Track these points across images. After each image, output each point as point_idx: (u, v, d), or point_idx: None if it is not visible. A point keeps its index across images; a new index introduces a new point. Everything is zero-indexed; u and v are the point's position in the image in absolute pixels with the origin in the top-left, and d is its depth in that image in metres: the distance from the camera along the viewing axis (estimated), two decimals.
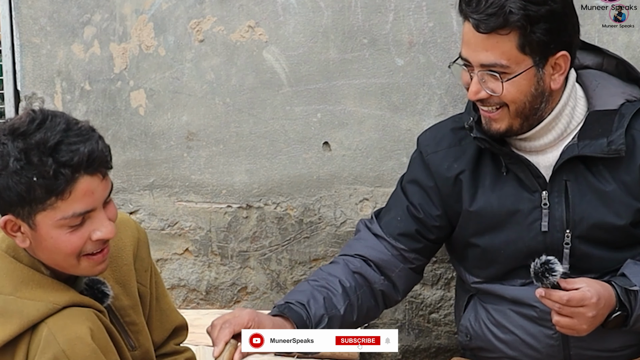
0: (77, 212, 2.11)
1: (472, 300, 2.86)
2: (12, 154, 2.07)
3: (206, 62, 3.35)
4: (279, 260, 3.44)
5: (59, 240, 2.13)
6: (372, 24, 3.26)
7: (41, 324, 2.14)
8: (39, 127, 2.08)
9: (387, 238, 2.82)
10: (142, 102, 3.40)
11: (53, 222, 2.11)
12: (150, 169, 3.44)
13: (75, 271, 2.21)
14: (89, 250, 2.17)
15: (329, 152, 3.35)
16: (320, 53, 3.30)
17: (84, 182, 2.09)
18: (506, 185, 2.69)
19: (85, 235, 2.14)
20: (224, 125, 3.37)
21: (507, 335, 2.76)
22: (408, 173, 2.88)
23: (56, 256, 2.17)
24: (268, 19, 3.30)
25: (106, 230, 2.15)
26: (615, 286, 2.56)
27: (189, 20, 3.34)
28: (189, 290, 3.50)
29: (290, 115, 3.34)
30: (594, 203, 2.64)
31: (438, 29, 3.23)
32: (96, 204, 2.13)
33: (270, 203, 3.40)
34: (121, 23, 3.37)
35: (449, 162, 2.76)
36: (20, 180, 2.06)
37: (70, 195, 2.08)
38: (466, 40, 2.59)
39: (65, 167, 2.06)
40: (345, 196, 3.37)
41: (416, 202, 2.81)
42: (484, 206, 2.71)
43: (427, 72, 3.26)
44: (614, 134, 2.60)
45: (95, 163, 2.10)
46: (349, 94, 3.30)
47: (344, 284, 2.72)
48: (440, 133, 2.83)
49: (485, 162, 2.73)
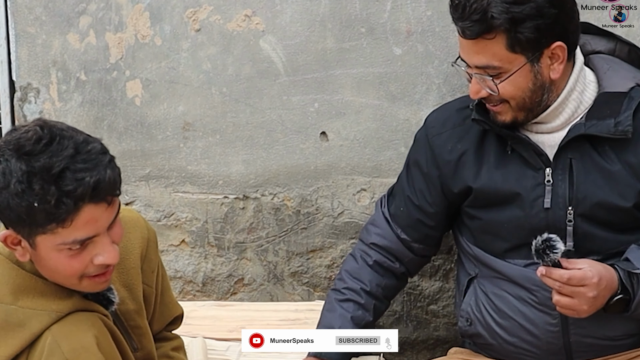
0: (79, 240, 2.02)
1: (472, 285, 2.86)
2: (15, 175, 1.96)
3: (202, 52, 3.34)
4: (276, 252, 3.44)
5: (59, 263, 2.06)
6: (370, 12, 3.25)
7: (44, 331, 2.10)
8: (44, 149, 1.97)
9: (393, 226, 2.93)
10: (138, 92, 3.39)
11: (53, 245, 2.03)
12: (147, 159, 3.43)
13: (76, 288, 2.13)
14: (91, 272, 2.09)
15: (327, 142, 3.34)
16: (317, 42, 3.28)
17: (87, 210, 2.00)
18: (510, 164, 2.70)
19: (87, 259, 2.06)
20: (221, 116, 3.36)
21: (506, 320, 2.76)
22: (412, 153, 2.93)
23: (56, 276, 2.10)
24: (265, 8, 3.29)
25: (109, 256, 2.07)
26: (618, 269, 2.56)
27: (185, 9, 3.32)
28: (186, 281, 3.49)
29: (287, 105, 3.33)
30: (599, 182, 2.64)
31: (436, 18, 3.22)
32: (99, 230, 2.05)
33: (267, 194, 3.40)
34: (117, 12, 3.36)
35: (453, 143, 2.79)
36: (20, 203, 1.97)
37: (72, 223, 1.99)
38: (460, 43, 2.62)
39: (68, 197, 1.96)
40: (343, 187, 3.36)
41: (417, 188, 2.87)
42: (487, 183, 2.72)
43: (425, 62, 3.25)
44: (622, 115, 2.60)
45: (102, 193, 2.00)
46: (347, 84, 3.29)
47: (365, 288, 2.93)
48: (447, 114, 2.86)
49: (489, 140, 2.75)
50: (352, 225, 3.36)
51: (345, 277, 2.96)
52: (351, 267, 2.97)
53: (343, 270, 2.98)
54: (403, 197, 2.91)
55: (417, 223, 2.89)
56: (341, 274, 2.99)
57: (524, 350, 2.77)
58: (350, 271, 2.97)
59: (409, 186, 2.90)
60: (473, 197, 2.77)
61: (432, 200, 2.85)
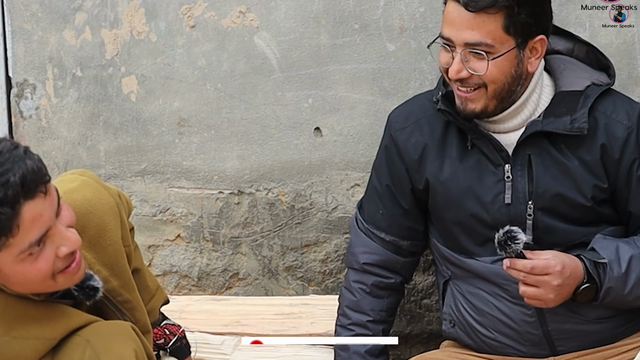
0: (33, 241, 1.97)
1: (448, 287, 2.91)
2: None
3: (197, 48, 3.35)
4: (270, 246, 3.44)
5: (27, 272, 2.00)
6: (363, 9, 3.26)
7: (79, 339, 2.08)
8: None
9: (377, 233, 2.93)
10: (133, 88, 3.40)
11: (13, 258, 1.97)
12: (142, 155, 3.44)
13: (54, 289, 2.10)
14: (61, 267, 2.04)
15: (321, 138, 3.35)
16: (311, 38, 3.30)
17: (28, 209, 1.94)
18: (471, 159, 2.74)
19: (51, 256, 2.02)
20: (216, 111, 3.37)
21: (484, 317, 2.80)
22: (378, 156, 2.96)
23: (30, 286, 2.05)
24: (259, 5, 3.30)
25: (70, 243, 2.03)
26: (584, 259, 2.60)
27: (180, 6, 3.34)
28: (181, 276, 3.50)
29: (281, 100, 3.34)
30: (558, 177, 2.68)
31: (429, 14, 3.23)
32: (49, 223, 1.99)
33: (261, 189, 3.41)
34: (112, 9, 3.37)
35: (416, 137, 2.81)
36: None
37: (20, 229, 1.94)
38: (450, 19, 2.62)
39: (2, 205, 1.90)
40: (337, 182, 3.37)
41: (389, 189, 2.90)
42: (449, 178, 2.76)
43: (418, 57, 3.26)
44: (578, 112, 2.65)
45: (32, 186, 1.94)
46: (340, 80, 3.31)
47: (369, 319, 2.97)
48: (409, 108, 2.89)
49: (451, 134, 2.77)
50: (346, 220, 3.37)
51: (348, 312, 2.98)
52: (350, 302, 2.99)
53: (343, 306, 3.00)
54: (378, 198, 2.93)
55: (399, 218, 2.91)
56: (342, 309, 3.00)
57: (506, 345, 2.80)
58: (350, 306, 2.98)
59: (381, 185, 2.92)
60: (435, 192, 2.80)
61: (404, 194, 2.88)
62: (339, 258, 3.42)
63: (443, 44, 2.65)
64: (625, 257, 2.61)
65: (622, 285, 2.61)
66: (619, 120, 2.68)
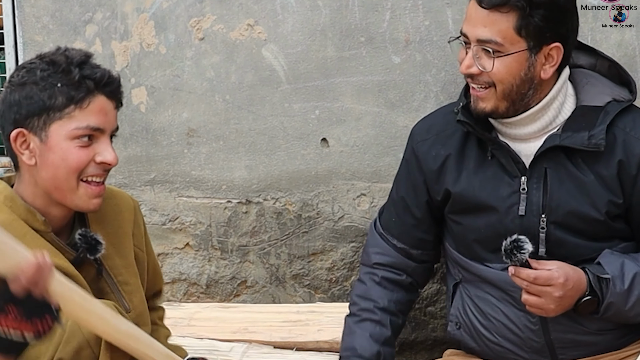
0: (91, 126, 2.19)
1: (458, 289, 2.93)
2: (40, 67, 2.19)
3: (206, 60, 3.38)
4: (277, 255, 3.47)
5: (67, 153, 2.19)
6: (369, 22, 3.29)
7: None
8: (62, 53, 2.23)
9: (389, 239, 2.95)
10: (143, 99, 3.43)
11: (67, 132, 2.18)
12: (151, 164, 3.47)
13: (71, 199, 2.23)
14: (90, 172, 2.22)
15: (327, 148, 3.38)
16: (318, 51, 3.33)
17: (101, 100, 2.21)
18: (489, 170, 2.76)
19: (91, 154, 2.21)
20: (224, 122, 3.40)
21: (489, 321, 2.83)
22: (401, 166, 2.97)
23: (59, 173, 2.20)
24: (267, 18, 3.33)
25: (110, 156, 2.23)
26: (588, 272, 2.63)
27: (189, 18, 3.37)
28: (190, 284, 3.53)
29: (288, 112, 3.37)
30: (572, 192, 2.69)
31: (434, 27, 3.26)
32: (107, 126, 2.23)
33: (269, 198, 3.43)
34: (122, 21, 3.40)
35: (437, 150, 2.83)
36: (44, 87, 2.17)
37: (88, 106, 2.18)
38: (468, 16, 2.66)
39: (88, 79, 2.18)
40: (343, 191, 3.40)
41: (405, 199, 2.92)
42: (466, 188, 2.78)
43: (423, 70, 3.29)
44: (596, 128, 2.65)
45: (113, 86, 2.23)
46: (347, 91, 3.33)
47: (378, 305, 2.94)
48: (431, 121, 2.91)
49: (470, 145, 2.80)
50: (352, 229, 3.41)
51: (357, 300, 2.98)
52: (360, 290, 2.99)
53: (354, 296, 3.00)
54: (394, 206, 2.96)
55: (410, 228, 2.92)
56: (352, 299, 3.00)
57: (509, 350, 2.82)
58: (360, 294, 2.98)
59: (397, 195, 2.95)
60: (452, 202, 2.82)
61: (418, 205, 2.90)
62: (345, 266, 3.44)
63: (462, 41, 2.69)
64: (630, 274, 2.64)
65: (624, 301, 2.64)
66: (638, 138, 2.69)
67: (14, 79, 2.22)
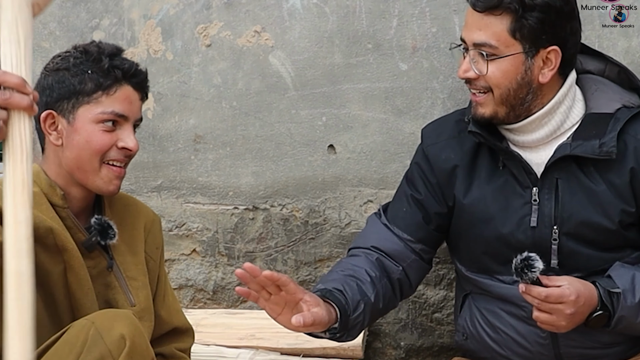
0: (116, 112, 2.36)
1: (467, 300, 2.91)
2: (73, 55, 2.39)
3: (213, 67, 3.39)
4: (284, 261, 3.47)
5: (92, 135, 2.35)
6: (377, 29, 3.30)
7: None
8: (95, 46, 2.42)
9: (393, 229, 2.87)
10: (150, 106, 3.44)
11: (93, 115, 2.34)
12: (158, 171, 3.48)
13: (93, 179, 2.38)
14: (112, 156, 2.38)
15: (334, 155, 3.38)
16: (325, 58, 3.33)
17: (127, 89, 2.39)
18: (500, 180, 2.74)
19: (114, 139, 2.37)
20: (231, 128, 3.41)
21: (499, 334, 2.82)
22: (410, 167, 2.95)
23: (84, 154, 2.36)
24: (274, 24, 3.34)
25: (131, 143, 2.39)
26: (598, 287, 2.61)
27: (196, 25, 3.38)
28: (196, 290, 3.53)
29: (295, 118, 3.38)
30: (584, 202, 2.68)
31: (441, 35, 3.27)
32: (131, 114, 2.39)
33: (276, 205, 3.44)
34: (129, 28, 3.41)
35: (447, 154, 2.82)
36: (76, 73, 2.35)
37: (115, 93, 2.36)
38: (465, 21, 2.68)
39: (117, 69, 2.36)
40: (350, 198, 3.40)
41: (418, 192, 2.87)
42: (477, 198, 2.76)
43: (430, 77, 3.29)
44: (607, 136, 2.64)
45: (139, 77, 2.41)
46: (354, 98, 3.34)
47: (369, 273, 2.76)
48: (442, 126, 2.90)
49: (482, 155, 2.78)
50: None
51: (347, 265, 2.80)
52: (352, 260, 2.82)
53: (342, 261, 2.86)
54: (405, 200, 2.89)
55: (419, 222, 2.86)
56: (340, 264, 2.84)
57: None
58: (351, 262, 2.81)
59: (410, 188, 2.89)
60: (462, 213, 2.81)
61: (434, 202, 2.85)
62: None
63: (462, 47, 2.70)
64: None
65: (635, 314, 2.62)
66: None
67: (49, 66, 2.41)
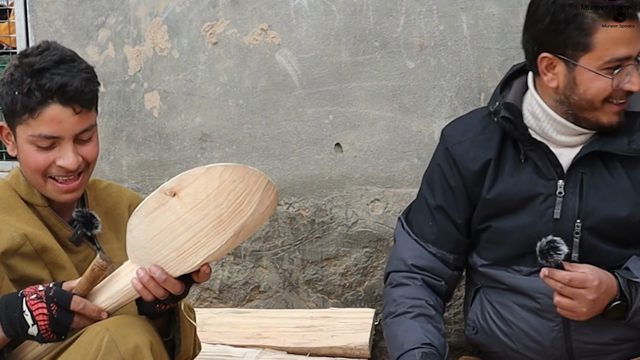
0: (44, 135, 2.25)
1: (478, 294, 2.89)
2: (9, 69, 2.29)
3: (219, 65, 3.38)
4: (291, 260, 3.47)
5: (28, 155, 2.29)
6: (384, 27, 3.29)
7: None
8: (38, 53, 2.28)
9: (424, 245, 2.86)
10: (156, 104, 3.44)
11: (26, 136, 2.28)
12: (164, 169, 3.47)
13: (44, 191, 2.34)
14: (53, 174, 2.30)
15: (341, 154, 3.38)
16: (332, 56, 3.33)
17: (54, 109, 2.24)
18: (523, 172, 2.73)
19: (50, 159, 2.28)
20: (237, 127, 3.40)
21: (510, 328, 2.80)
22: (431, 169, 2.89)
23: (27, 170, 2.33)
24: (281, 22, 3.33)
25: (68, 161, 2.28)
26: (617, 276, 2.61)
27: (202, 23, 3.37)
28: (203, 289, 3.53)
29: (302, 117, 3.37)
30: (607, 198, 2.68)
31: (448, 32, 3.27)
32: (63, 133, 2.27)
33: (282, 203, 3.43)
34: (135, 26, 3.41)
35: (475, 152, 2.79)
36: (7, 92, 2.28)
37: (39, 116, 2.24)
38: (625, 38, 2.61)
39: (38, 90, 2.23)
40: (357, 197, 3.40)
41: (443, 202, 2.84)
42: (501, 192, 2.75)
43: (437, 75, 3.29)
44: (636, 134, 2.65)
45: (67, 95, 2.24)
46: (361, 96, 3.33)
47: (429, 303, 2.81)
48: (466, 123, 2.86)
49: (507, 148, 2.76)
50: (365, 234, 3.40)
51: (403, 300, 2.83)
52: (404, 291, 2.85)
53: (396, 296, 2.85)
54: (429, 211, 2.86)
55: (448, 234, 2.84)
56: (394, 300, 2.85)
57: (528, 357, 2.80)
58: (404, 294, 2.84)
59: (434, 199, 2.86)
60: (485, 207, 2.79)
61: (458, 210, 2.83)
62: (358, 271, 3.44)
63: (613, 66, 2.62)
64: None
65: None
66: None
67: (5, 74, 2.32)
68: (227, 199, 2.04)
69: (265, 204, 2.08)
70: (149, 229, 2.08)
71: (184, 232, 2.07)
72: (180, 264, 2.11)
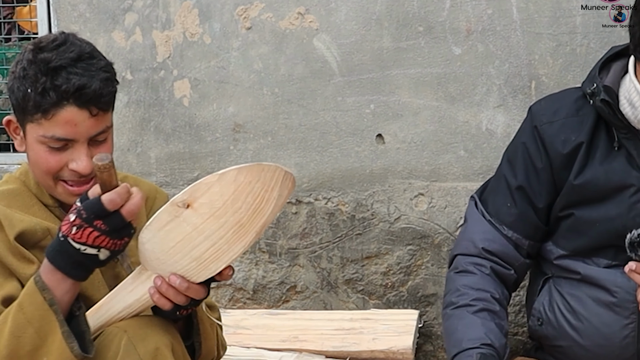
0: (57, 136, 2.17)
1: (547, 284, 2.84)
2: (22, 62, 2.19)
3: (254, 51, 3.35)
4: (329, 258, 3.42)
5: (39, 155, 2.21)
6: (428, 10, 3.24)
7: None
8: (54, 48, 2.18)
9: (500, 228, 2.82)
10: (186, 93, 3.40)
11: (37, 136, 2.19)
12: (195, 162, 3.44)
13: (54, 193, 2.28)
14: (65, 177, 2.23)
15: (383, 145, 3.33)
16: (373, 41, 3.28)
17: (70, 111, 2.16)
18: (615, 160, 2.68)
19: (63, 161, 2.21)
20: (272, 117, 3.37)
21: (580, 321, 2.75)
22: (514, 147, 2.84)
23: (36, 170, 2.25)
24: (319, 6, 3.30)
25: (82, 165, 2.20)
26: None
27: (235, 6, 3.34)
28: (236, 289, 3.50)
29: (341, 106, 3.33)
30: None
31: (497, 16, 3.21)
32: (77, 136, 2.19)
33: (320, 198, 3.40)
34: (164, 9, 3.38)
35: (566, 134, 2.73)
36: (19, 87, 2.18)
37: (53, 118, 2.16)
38: None
39: (53, 90, 2.14)
40: (400, 191, 3.35)
41: (525, 183, 2.79)
42: (590, 179, 2.69)
43: (485, 62, 3.24)
44: None
45: (84, 97, 2.16)
46: (404, 84, 3.28)
47: (494, 296, 2.77)
48: (558, 103, 2.80)
49: (599, 134, 2.71)
50: (408, 231, 3.34)
51: (467, 290, 2.80)
52: (469, 281, 2.81)
53: (459, 287, 2.82)
54: (508, 191, 2.81)
55: (528, 217, 2.79)
56: (458, 290, 2.81)
57: (596, 355, 2.75)
58: (469, 284, 2.80)
59: (516, 179, 2.80)
60: (570, 192, 2.73)
61: (541, 192, 2.78)
62: (401, 270, 3.39)
63: None
64: None
65: None
66: None
67: (16, 66, 2.25)
68: (246, 201, 1.99)
69: (284, 195, 2.04)
70: (163, 241, 2.03)
71: (203, 241, 2.01)
72: (202, 272, 2.06)
